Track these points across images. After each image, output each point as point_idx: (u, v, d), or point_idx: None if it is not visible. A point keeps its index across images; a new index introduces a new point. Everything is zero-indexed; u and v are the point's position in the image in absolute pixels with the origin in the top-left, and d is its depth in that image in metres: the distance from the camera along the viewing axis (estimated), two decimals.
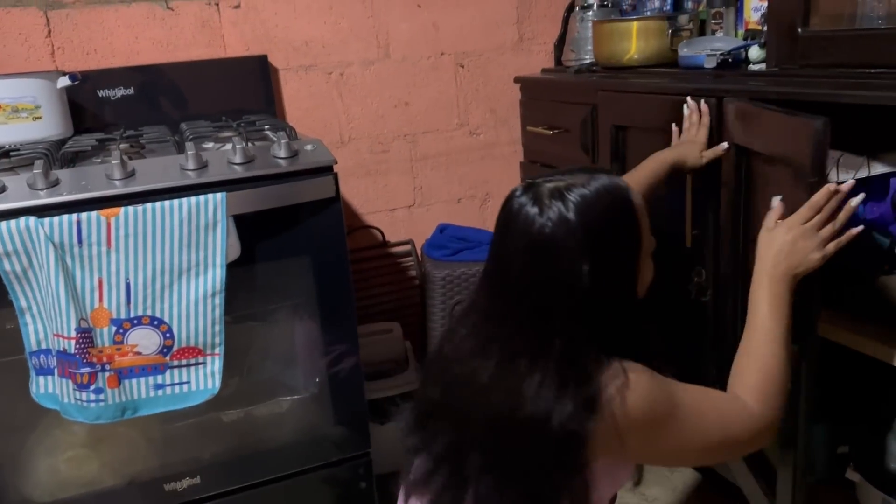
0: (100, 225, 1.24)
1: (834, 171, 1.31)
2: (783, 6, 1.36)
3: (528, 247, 0.87)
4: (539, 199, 0.88)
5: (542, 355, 0.85)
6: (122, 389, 1.30)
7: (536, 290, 0.87)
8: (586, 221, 0.86)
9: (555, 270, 0.86)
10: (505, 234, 0.91)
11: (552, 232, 0.86)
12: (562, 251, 0.85)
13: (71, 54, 1.80)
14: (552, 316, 0.86)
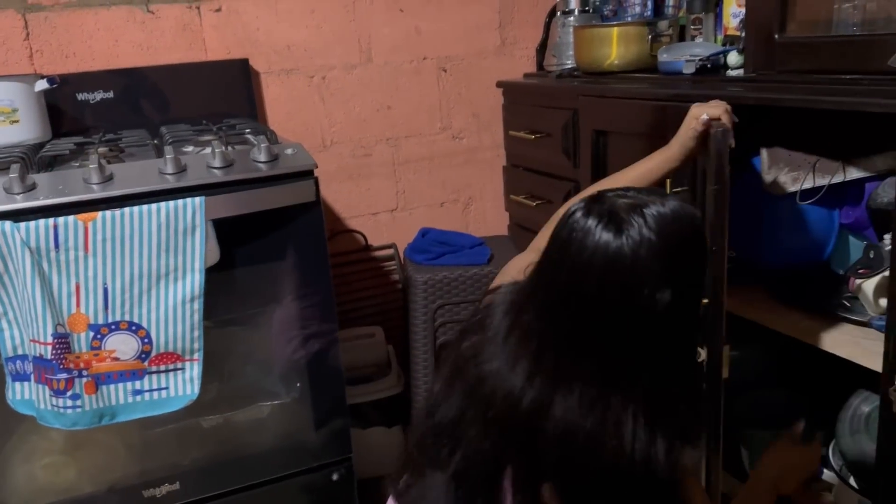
0: (77, 229, 1.23)
1: (810, 176, 1.33)
2: (760, 13, 1.38)
3: (606, 272, 0.75)
4: (614, 218, 0.76)
5: (631, 391, 0.77)
6: (99, 395, 1.29)
7: (617, 320, 0.76)
8: (669, 243, 0.75)
9: (637, 297, 0.75)
10: (571, 258, 0.78)
11: (634, 254, 0.74)
12: (644, 276, 0.75)
13: (50, 57, 1.78)
14: (638, 349, 0.77)
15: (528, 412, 0.78)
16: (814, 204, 1.35)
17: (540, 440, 0.78)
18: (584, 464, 0.77)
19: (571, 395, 0.76)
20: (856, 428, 1.32)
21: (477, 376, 0.84)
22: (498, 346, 0.84)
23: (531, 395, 0.78)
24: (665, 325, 0.77)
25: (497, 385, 0.81)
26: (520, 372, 0.80)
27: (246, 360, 1.51)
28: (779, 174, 1.36)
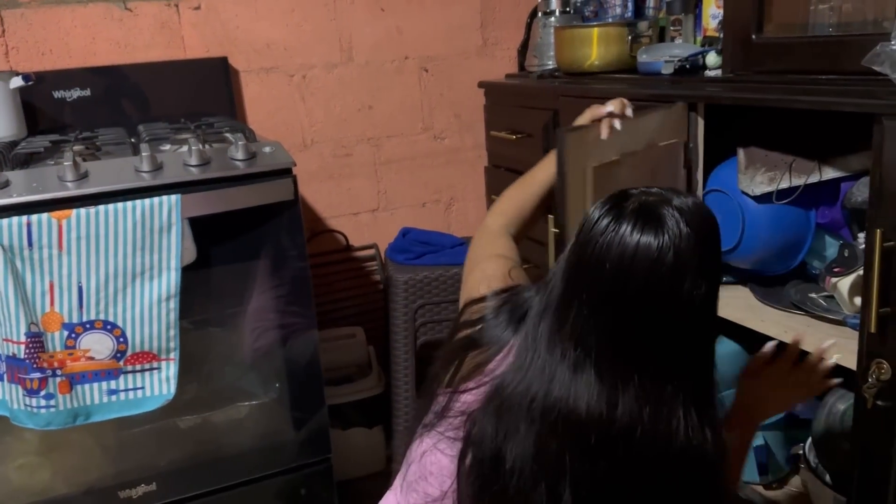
0: (51, 227, 1.21)
1: (787, 176, 1.34)
2: (738, 14, 1.39)
3: (651, 272, 0.75)
4: (650, 217, 0.77)
5: (681, 382, 0.78)
6: (73, 395, 1.27)
7: (664, 315, 0.77)
8: (701, 234, 0.77)
9: (680, 291, 0.75)
10: (613, 265, 0.77)
11: (676, 250, 0.75)
12: (685, 270, 0.75)
13: (26, 54, 1.76)
14: (683, 340, 0.78)
15: (621, 425, 0.77)
16: (790, 204, 1.35)
17: (608, 443, 0.78)
18: (645, 456, 0.78)
19: (629, 393, 0.77)
20: (831, 425, 1.32)
21: (543, 408, 0.80)
22: (542, 368, 0.81)
23: (620, 409, 0.77)
24: (703, 314, 0.78)
25: (575, 408, 0.78)
26: (587, 388, 0.78)
27: (224, 360, 1.50)
28: (756, 174, 1.36)
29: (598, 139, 1.24)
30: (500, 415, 0.82)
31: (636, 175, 1.33)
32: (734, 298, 1.49)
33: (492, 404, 0.84)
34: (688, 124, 1.43)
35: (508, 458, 0.81)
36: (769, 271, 1.47)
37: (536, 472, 0.80)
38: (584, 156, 1.23)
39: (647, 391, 0.77)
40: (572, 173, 1.21)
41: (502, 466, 0.81)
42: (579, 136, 1.23)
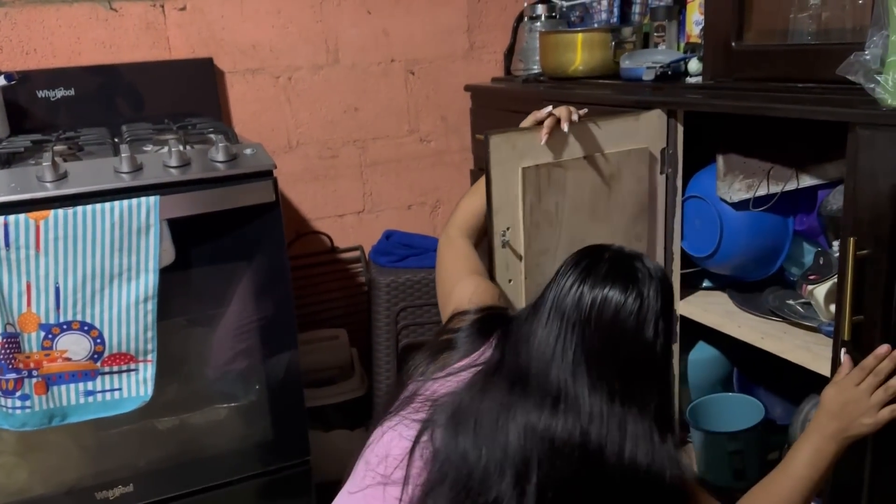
0: (28, 228, 1.21)
1: (764, 184, 1.35)
2: (718, 20, 1.40)
3: (632, 321, 0.87)
4: (623, 278, 0.88)
5: (644, 408, 0.87)
6: (50, 396, 1.27)
7: (637, 350, 0.88)
8: (661, 282, 0.89)
9: (648, 329, 0.87)
10: (601, 323, 0.87)
11: (647, 300, 0.87)
12: (651, 312, 0.87)
13: (9, 53, 1.76)
14: (649, 371, 0.88)
15: (594, 441, 0.85)
16: (769, 211, 1.36)
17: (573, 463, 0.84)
18: (612, 478, 0.84)
19: (601, 415, 0.85)
20: None
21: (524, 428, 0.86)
22: (544, 405, 0.87)
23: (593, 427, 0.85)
24: (662, 348, 0.89)
25: (550, 426, 0.85)
26: (565, 412, 0.85)
27: (204, 362, 1.49)
28: (734, 181, 1.37)
29: (531, 141, 1.28)
30: (470, 423, 0.87)
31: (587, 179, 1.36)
32: (713, 304, 1.50)
33: (468, 409, 0.89)
34: (667, 130, 1.44)
35: (475, 455, 0.85)
36: (747, 277, 1.48)
37: (504, 470, 0.84)
38: (513, 157, 1.28)
39: (617, 413, 0.85)
40: (497, 173, 1.26)
41: (468, 462, 0.85)
42: (506, 138, 1.27)
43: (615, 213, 1.40)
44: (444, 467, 0.85)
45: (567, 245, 1.34)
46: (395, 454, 0.89)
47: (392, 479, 0.88)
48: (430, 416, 0.90)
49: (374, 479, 0.90)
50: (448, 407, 0.90)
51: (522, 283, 1.32)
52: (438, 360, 0.99)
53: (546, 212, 1.32)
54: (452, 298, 1.14)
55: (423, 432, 0.89)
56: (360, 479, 0.92)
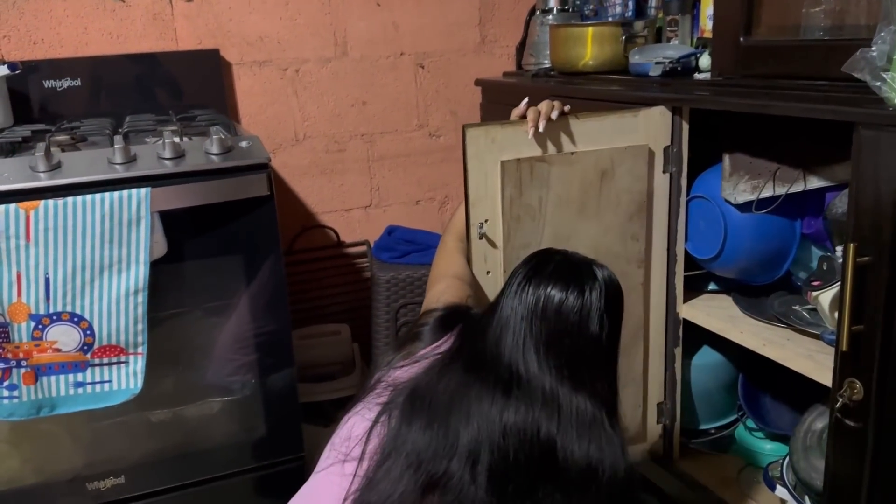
0: (18, 218, 1.21)
1: (770, 185, 1.30)
2: (727, 15, 1.35)
3: (580, 316, 0.94)
4: (575, 280, 0.95)
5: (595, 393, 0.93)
6: (38, 386, 1.27)
7: (589, 343, 0.94)
8: (607, 283, 0.96)
9: (592, 324, 0.94)
10: (562, 320, 0.93)
11: (591, 301, 0.94)
12: (594, 310, 0.94)
13: (17, 43, 1.77)
14: (601, 370, 0.96)
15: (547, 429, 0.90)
16: (775, 213, 1.32)
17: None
18: (564, 463, 0.89)
19: (555, 400, 0.91)
20: (809, 444, 1.28)
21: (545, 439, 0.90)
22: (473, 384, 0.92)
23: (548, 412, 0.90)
24: (608, 340, 0.96)
25: (505, 419, 0.89)
26: (517, 402, 0.90)
27: (196, 356, 1.49)
28: (739, 182, 1.33)
29: (512, 135, 1.29)
30: (425, 402, 0.93)
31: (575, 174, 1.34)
32: (716, 308, 1.46)
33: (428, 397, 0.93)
34: (671, 128, 1.40)
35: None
36: (753, 281, 1.43)
37: (455, 449, 0.88)
38: (492, 150, 1.28)
39: (566, 397, 0.91)
40: (473, 165, 1.27)
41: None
42: (484, 131, 1.28)
43: (607, 211, 1.36)
44: (396, 441, 0.90)
45: (551, 240, 1.32)
46: (356, 434, 0.94)
47: (350, 456, 0.92)
48: (390, 400, 0.96)
49: (335, 458, 0.95)
50: (406, 390, 0.95)
51: (501, 275, 1.31)
52: (403, 351, 1.06)
53: (528, 206, 1.30)
54: (427, 298, 1.20)
55: (381, 414, 0.94)
56: (324, 459, 0.97)
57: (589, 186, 1.36)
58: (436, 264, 1.32)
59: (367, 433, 0.92)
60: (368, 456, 0.91)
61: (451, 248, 1.31)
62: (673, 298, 1.50)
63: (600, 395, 0.93)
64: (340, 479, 0.91)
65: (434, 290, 1.20)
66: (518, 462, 0.87)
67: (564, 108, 1.32)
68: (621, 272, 1.39)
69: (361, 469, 0.90)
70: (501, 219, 1.31)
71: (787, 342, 1.27)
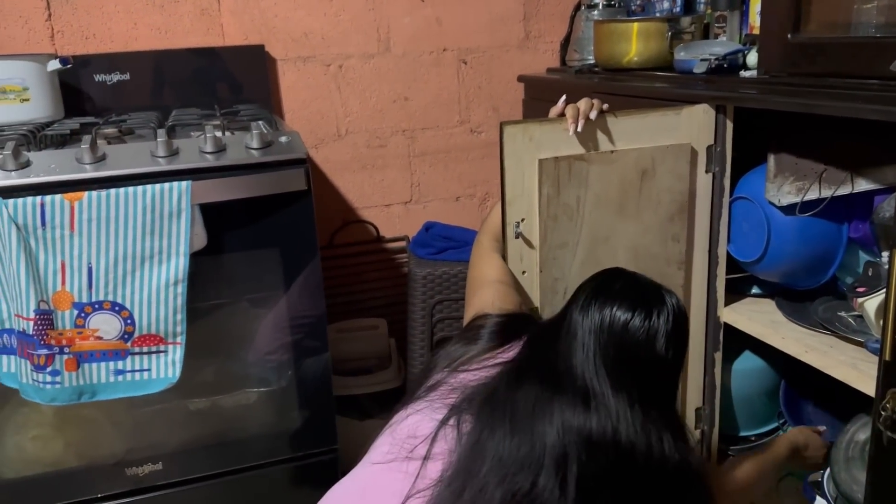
0: (63, 208, 1.24)
1: (815, 187, 1.26)
2: (775, 10, 1.31)
3: (646, 338, 0.94)
4: (644, 303, 0.95)
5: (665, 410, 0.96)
6: (80, 373, 1.31)
7: (656, 361, 0.95)
8: (674, 312, 0.96)
9: (658, 346, 0.94)
10: (630, 342, 0.94)
11: (661, 325, 0.94)
12: (660, 333, 0.94)
13: (70, 38, 1.82)
14: (668, 389, 0.98)
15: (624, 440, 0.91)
16: (820, 216, 1.27)
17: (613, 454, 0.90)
18: (644, 472, 0.90)
19: (626, 417, 0.91)
20: (851, 456, 1.24)
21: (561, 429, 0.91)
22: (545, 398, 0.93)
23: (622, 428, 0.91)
24: (674, 365, 0.97)
25: (584, 427, 0.90)
26: (597, 413, 0.91)
27: (234, 346, 1.51)
28: (784, 183, 1.29)
29: (550, 132, 1.27)
30: (505, 412, 0.92)
31: (615, 173, 1.32)
32: (758, 313, 1.42)
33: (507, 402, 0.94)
34: (715, 126, 1.36)
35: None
36: (798, 285, 1.39)
37: (541, 461, 0.88)
38: (529, 148, 1.27)
39: (638, 414, 0.91)
40: (511, 164, 1.27)
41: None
42: (522, 128, 1.26)
43: (647, 211, 1.34)
44: (475, 451, 0.89)
45: (588, 240, 1.30)
46: (421, 434, 0.94)
47: (414, 455, 0.92)
48: (459, 403, 0.96)
49: (398, 454, 0.94)
50: (479, 396, 0.95)
51: (537, 275, 1.29)
52: (463, 351, 1.07)
53: (566, 205, 1.28)
54: (473, 303, 1.20)
55: (450, 416, 0.94)
56: (385, 454, 0.96)
57: (629, 186, 1.34)
58: (473, 265, 1.31)
59: (434, 433, 0.92)
60: (435, 458, 0.91)
61: (487, 249, 1.31)
62: (714, 301, 1.46)
63: (667, 414, 0.94)
64: (404, 477, 0.91)
65: (483, 294, 1.19)
66: (605, 474, 0.88)
67: (603, 106, 1.30)
68: (661, 273, 1.38)
69: (426, 469, 0.90)
70: (538, 218, 1.29)
71: (829, 349, 1.23)
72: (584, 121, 1.26)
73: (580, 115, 1.27)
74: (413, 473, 0.91)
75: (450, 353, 1.08)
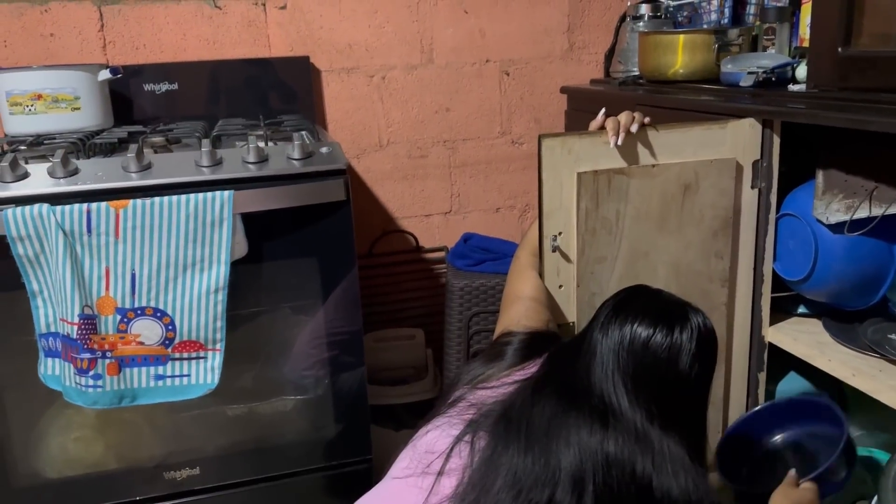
0: (108, 215, 1.27)
1: (865, 205, 1.22)
2: (825, 23, 1.27)
3: (669, 356, 0.93)
4: (667, 321, 0.94)
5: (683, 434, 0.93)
6: (121, 377, 1.33)
7: (679, 384, 0.94)
8: (700, 330, 0.94)
9: (683, 365, 0.93)
10: (658, 361, 0.93)
11: (685, 342, 0.93)
12: (685, 352, 0.93)
13: (121, 48, 1.86)
14: (691, 411, 0.96)
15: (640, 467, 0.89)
16: (870, 235, 1.23)
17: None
18: (643, 497, 0.88)
19: (647, 439, 0.90)
20: None
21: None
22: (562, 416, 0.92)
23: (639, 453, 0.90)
24: (698, 383, 0.95)
25: (601, 449, 0.89)
26: (615, 434, 0.90)
27: (273, 353, 1.52)
28: (832, 200, 1.25)
29: (590, 146, 1.26)
30: (521, 427, 0.92)
31: (656, 188, 1.29)
32: (804, 333, 1.38)
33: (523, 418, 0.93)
34: (761, 141, 1.33)
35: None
36: (846, 306, 1.35)
37: (557, 476, 0.87)
38: (568, 161, 1.25)
39: (657, 435, 0.90)
40: (549, 177, 1.25)
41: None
42: (561, 141, 1.25)
43: (689, 227, 1.31)
44: (489, 466, 0.89)
45: (628, 255, 1.28)
46: (438, 449, 0.95)
47: (430, 470, 0.93)
48: (475, 419, 0.96)
49: (416, 469, 0.95)
50: (495, 412, 0.95)
51: (574, 290, 1.27)
52: (485, 369, 1.07)
53: (605, 219, 1.26)
54: (503, 318, 1.20)
55: (465, 432, 0.95)
56: (403, 468, 0.97)
57: (670, 200, 1.31)
58: (510, 281, 1.31)
59: (449, 449, 0.93)
60: (449, 475, 0.91)
61: (525, 265, 1.30)
62: (758, 321, 1.42)
63: (689, 436, 0.92)
64: (419, 492, 0.92)
65: (512, 310, 1.20)
66: (620, 495, 0.86)
67: (645, 119, 1.28)
68: (703, 291, 1.35)
69: (439, 485, 0.91)
70: (576, 232, 1.28)
71: (878, 373, 1.19)
72: (624, 134, 1.25)
73: (621, 128, 1.25)
74: (427, 489, 0.91)
75: (472, 370, 1.09)
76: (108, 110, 1.70)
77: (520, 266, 1.30)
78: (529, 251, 1.32)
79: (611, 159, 1.28)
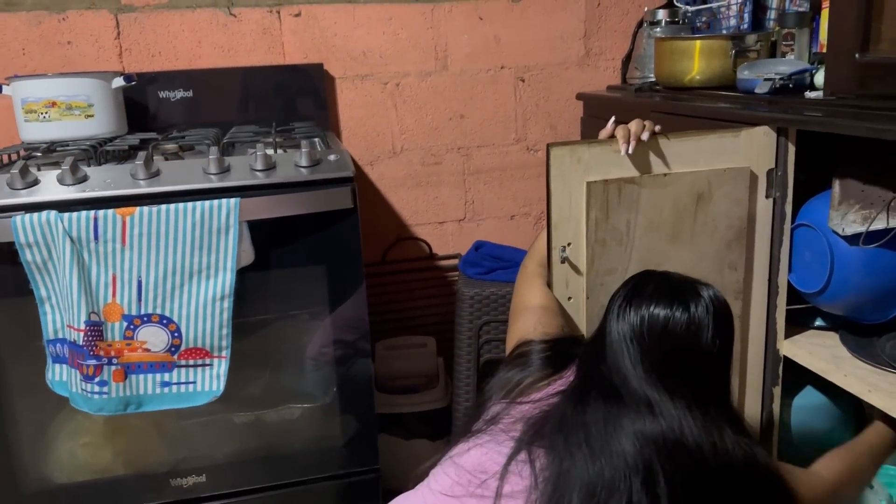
0: (115, 222, 1.28)
1: (883, 216, 1.18)
2: (842, 29, 1.24)
3: (687, 333, 0.94)
4: (681, 297, 0.95)
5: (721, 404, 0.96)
6: (127, 384, 1.33)
7: (705, 358, 0.95)
8: (713, 303, 0.96)
9: (703, 340, 0.94)
10: (672, 336, 0.94)
11: (703, 316, 0.94)
12: (705, 327, 0.94)
13: (137, 56, 1.88)
14: (719, 383, 0.97)
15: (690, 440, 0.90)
16: (888, 248, 1.19)
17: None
18: (718, 471, 0.89)
19: (688, 418, 0.91)
20: None
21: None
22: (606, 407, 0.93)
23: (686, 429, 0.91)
24: (722, 358, 0.96)
25: (653, 431, 0.90)
26: (661, 418, 0.91)
27: (279, 361, 1.52)
28: (849, 211, 1.21)
29: (600, 155, 1.23)
30: (580, 437, 0.92)
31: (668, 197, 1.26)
32: (820, 347, 1.34)
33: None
34: (776, 150, 1.30)
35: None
36: (864, 319, 1.31)
37: (629, 477, 0.87)
38: (577, 170, 1.23)
39: (698, 414, 0.91)
40: (557, 186, 1.24)
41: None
42: (570, 150, 1.23)
43: (702, 237, 1.28)
44: (561, 483, 0.88)
45: (639, 266, 1.25)
46: (489, 469, 0.93)
47: (485, 491, 0.92)
48: (525, 437, 0.95)
49: (467, 488, 0.94)
50: (546, 426, 0.94)
51: (584, 301, 1.25)
52: (516, 376, 1.06)
53: (614, 229, 1.24)
54: (515, 328, 1.19)
55: (518, 450, 0.93)
56: (451, 485, 0.95)
57: (683, 210, 1.28)
58: (518, 291, 1.29)
59: (504, 469, 0.92)
60: (515, 496, 0.89)
61: (532, 274, 1.28)
62: (773, 334, 1.39)
63: (727, 412, 0.94)
64: None
65: (524, 320, 1.18)
66: (690, 481, 0.87)
67: (655, 128, 1.26)
68: None
69: None
70: (585, 242, 1.25)
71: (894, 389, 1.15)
72: (635, 142, 1.22)
73: (631, 136, 1.23)
74: None
75: (503, 382, 1.07)
76: (121, 118, 1.71)
77: (527, 276, 1.29)
78: (537, 261, 1.30)
79: (621, 168, 1.26)
